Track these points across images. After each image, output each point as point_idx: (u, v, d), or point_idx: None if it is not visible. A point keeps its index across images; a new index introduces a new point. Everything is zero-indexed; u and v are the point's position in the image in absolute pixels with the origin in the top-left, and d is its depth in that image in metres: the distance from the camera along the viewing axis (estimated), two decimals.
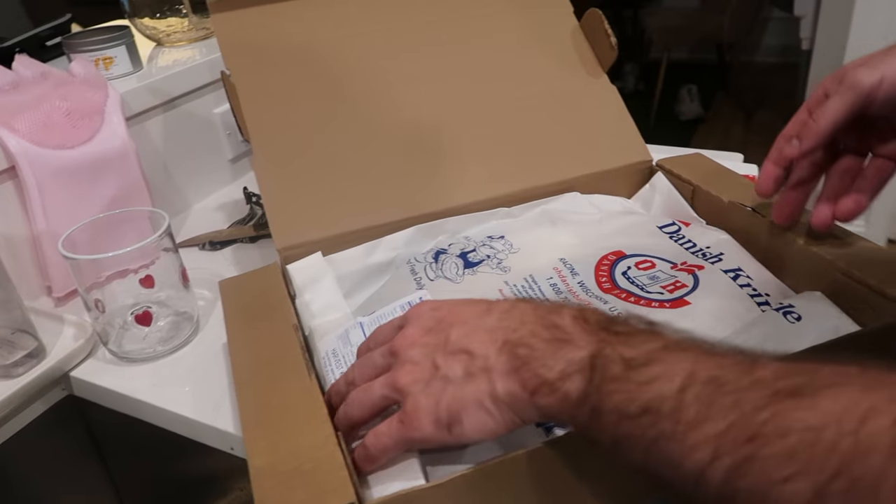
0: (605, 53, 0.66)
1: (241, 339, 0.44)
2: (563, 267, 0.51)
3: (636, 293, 0.47)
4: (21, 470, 0.56)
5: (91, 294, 0.53)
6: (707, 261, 0.50)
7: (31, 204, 0.60)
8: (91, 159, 0.63)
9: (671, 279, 0.48)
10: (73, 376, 0.55)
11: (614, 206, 0.61)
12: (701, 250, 0.52)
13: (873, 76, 0.40)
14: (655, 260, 0.51)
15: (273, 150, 0.56)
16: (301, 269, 0.52)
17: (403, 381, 0.34)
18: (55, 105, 0.62)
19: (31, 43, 0.80)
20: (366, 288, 0.53)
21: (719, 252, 0.51)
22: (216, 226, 0.75)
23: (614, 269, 0.50)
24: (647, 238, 0.54)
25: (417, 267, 0.52)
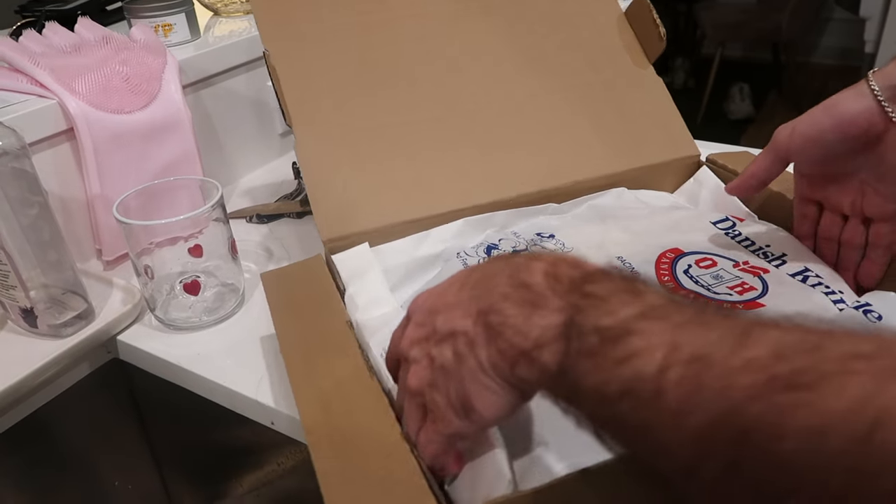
0: (653, 44, 0.64)
1: (293, 336, 0.43)
2: (621, 266, 0.49)
3: (703, 293, 0.45)
4: (64, 429, 0.56)
5: (141, 260, 0.53)
6: (770, 262, 0.49)
7: (87, 166, 0.60)
8: (147, 125, 0.63)
9: (737, 280, 0.46)
10: (120, 340, 0.55)
11: (661, 201, 0.60)
12: (762, 249, 0.50)
13: (786, 129, 0.45)
14: (716, 258, 0.49)
15: (316, 137, 0.55)
16: (347, 259, 0.51)
17: (414, 384, 0.33)
18: (115, 69, 0.62)
19: (92, 6, 0.80)
20: (414, 281, 0.52)
21: (781, 252, 0.49)
22: (263, 199, 0.75)
23: (675, 267, 0.48)
24: (701, 234, 0.52)
25: (469, 261, 0.51)
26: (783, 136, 0.45)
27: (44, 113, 0.58)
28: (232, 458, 0.60)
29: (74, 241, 0.63)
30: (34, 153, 0.58)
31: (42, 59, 0.61)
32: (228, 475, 0.62)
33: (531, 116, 0.60)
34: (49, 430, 0.55)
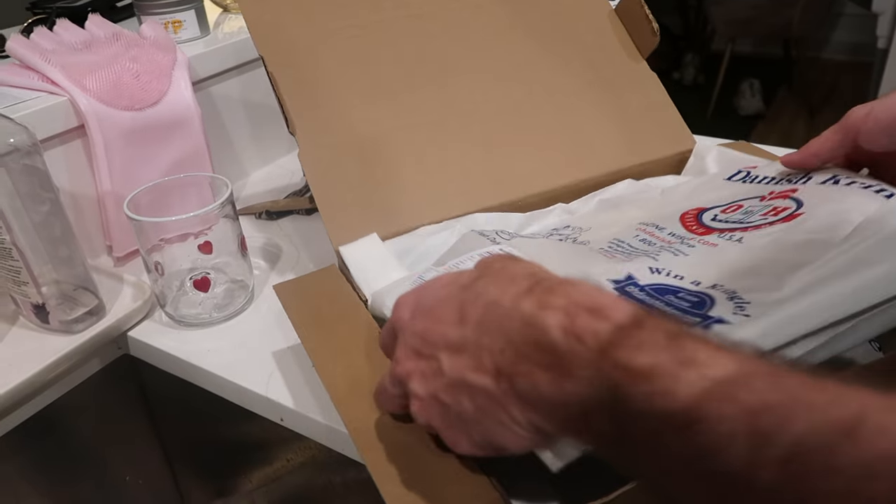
0: (646, 39, 0.64)
1: (325, 351, 0.42)
2: (646, 225, 0.48)
3: (737, 227, 0.43)
4: (75, 425, 0.57)
5: (152, 256, 0.53)
6: (796, 183, 0.45)
7: (98, 163, 0.60)
8: (157, 121, 0.63)
9: (767, 208, 0.44)
10: (130, 336, 0.56)
11: (670, 181, 0.59)
12: (785, 179, 0.47)
13: (862, 110, 0.42)
14: (741, 202, 0.47)
15: (320, 145, 0.54)
16: (355, 249, 0.50)
17: (425, 418, 0.32)
18: (125, 66, 0.62)
19: (103, 3, 0.81)
20: (429, 260, 0.51)
21: (805, 175, 0.46)
22: (273, 196, 0.75)
23: (701, 218, 0.46)
24: (719, 191, 0.50)
25: (489, 235, 0.50)
26: (858, 116, 0.42)
27: (55, 110, 0.59)
28: (241, 453, 0.61)
29: (85, 237, 0.63)
30: (45, 150, 0.58)
31: (53, 57, 0.61)
32: (238, 471, 0.63)
33: (531, 116, 0.60)
34: (60, 425, 0.56)
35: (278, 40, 0.57)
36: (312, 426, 0.47)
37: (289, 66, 0.56)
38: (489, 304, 0.29)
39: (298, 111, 0.54)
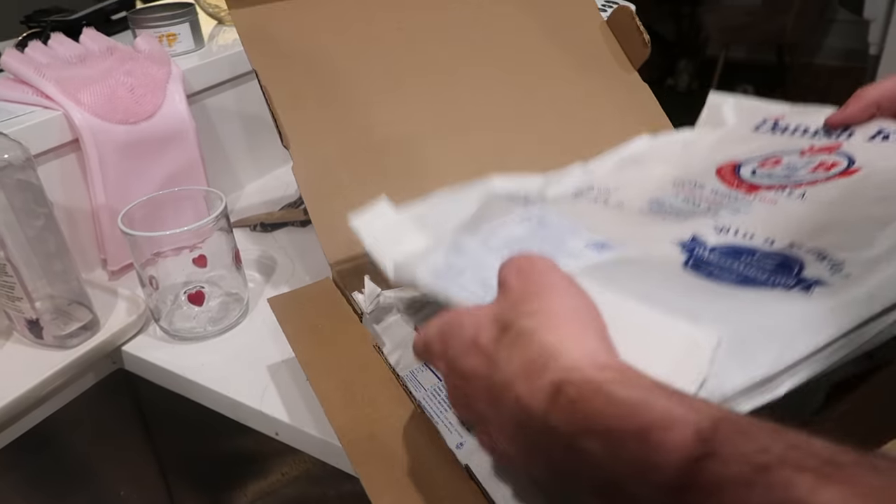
0: (637, 51, 0.64)
1: (319, 364, 0.42)
2: (683, 183, 0.45)
3: (786, 183, 0.40)
4: (70, 439, 0.57)
5: (146, 270, 0.53)
6: (838, 138, 0.43)
7: (92, 177, 0.60)
8: (152, 135, 0.63)
9: (813, 162, 0.41)
10: (125, 351, 0.56)
11: (688, 135, 0.53)
12: (822, 132, 0.44)
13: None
14: (778, 155, 0.44)
15: (314, 158, 0.54)
16: (367, 221, 0.44)
17: (489, 447, 0.32)
18: (120, 80, 0.62)
19: (98, 17, 0.81)
20: (449, 223, 0.45)
21: (845, 129, 0.43)
22: (268, 207, 0.75)
23: (740, 173, 0.43)
24: (748, 143, 0.46)
25: (517, 198, 0.46)
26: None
27: (49, 124, 0.59)
28: (236, 467, 0.60)
29: (79, 251, 0.63)
30: (39, 164, 0.58)
31: (47, 71, 0.62)
32: (233, 484, 0.63)
33: (524, 128, 0.60)
34: (55, 440, 0.56)
35: (272, 53, 0.57)
36: (307, 440, 0.47)
37: (282, 80, 0.56)
38: (518, 412, 0.25)
39: (292, 124, 0.54)
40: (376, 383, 0.41)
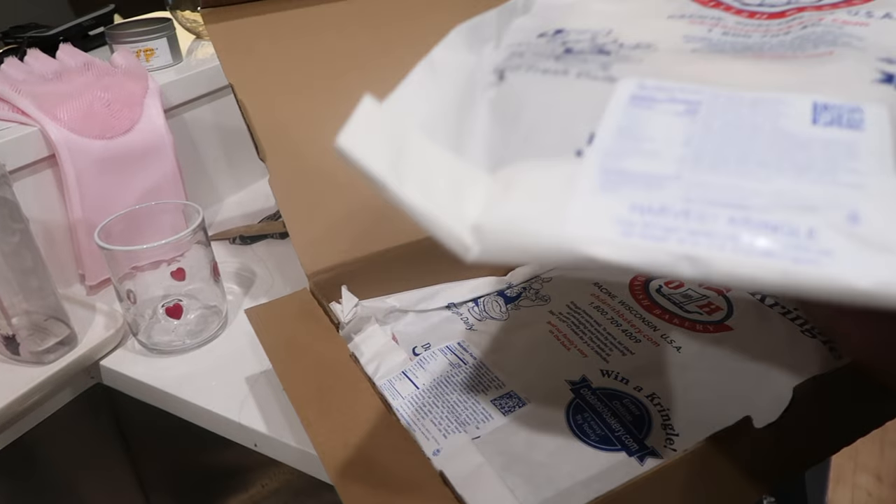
0: None
1: (296, 375, 0.42)
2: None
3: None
4: (48, 456, 0.56)
5: (124, 284, 0.53)
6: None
7: (69, 192, 0.60)
8: (129, 150, 0.63)
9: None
10: (103, 365, 0.56)
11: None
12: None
13: None
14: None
15: (290, 170, 0.54)
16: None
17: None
18: (97, 95, 0.63)
19: (75, 32, 0.81)
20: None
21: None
22: (247, 220, 0.76)
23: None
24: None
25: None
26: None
27: (25, 140, 0.59)
28: (217, 480, 0.60)
29: (57, 266, 0.63)
30: (15, 180, 0.58)
31: (24, 87, 0.62)
32: (213, 497, 0.62)
33: None
34: (33, 456, 0.55)
35: (248, 67, 0.57)
36: (286, 451, 0.47)
37: (258, 93, 0.56)
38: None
39: (268, 137, 0.55)
40: (353, 393, 0.41)
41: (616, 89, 0.27)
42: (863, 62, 0.29)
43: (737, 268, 0.21)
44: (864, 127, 0.24)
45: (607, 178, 0.23)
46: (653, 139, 0.25)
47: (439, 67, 0.30)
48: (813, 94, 0.26)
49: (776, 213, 0.21)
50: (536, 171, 0.25)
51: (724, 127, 0.25)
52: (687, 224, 0.22)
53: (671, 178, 0.23)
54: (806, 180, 0.22)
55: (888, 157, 0.23)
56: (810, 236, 0.21)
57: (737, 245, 0.21)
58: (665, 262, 0.21)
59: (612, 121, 0.26)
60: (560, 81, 0.29)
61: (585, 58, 0.31)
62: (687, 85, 0.27)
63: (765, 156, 0.23)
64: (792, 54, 0.31)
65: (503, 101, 0.30)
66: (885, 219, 0.21)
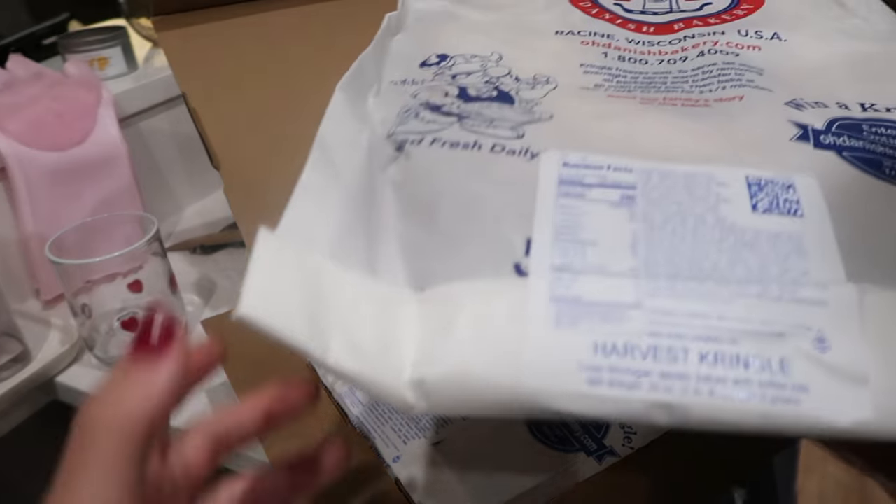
0: None
1: (251, 386, 0.42)
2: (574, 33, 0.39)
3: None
4: (5, 474, 0.55)
5: (78, 298, 0.52)
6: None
7: (21, 206, 0.59)
8: (82, 161, 0.62)
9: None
10: (59, 382, 0.54)
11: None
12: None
13: None
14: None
15: (246, 178, 0.53)
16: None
17: None
18: (48, 106, 0.61)
19: (28, 42, 0.80)
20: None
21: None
22: (209, 229, 0.75)
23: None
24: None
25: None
26: None
27: None
28: None
29: (12, 281, 0.61)
30: None
31: None
32: None
33: None
34: None
35: (200, 75, 0.57)
36: (244, 461, 0.47)
37: (212, 101, 0.56)
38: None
39: (223, 146, 0.54)
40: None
41: (540, 170, 0.25)
42: (774, 112, 0.29)
43: (715, 413, 0.20)
44: (803, 211, 0.24)
45: (560, 309, 0.22)
46: (596, 244, 0.23)
47: (331, 153, 0.28)
48: (743, 168, 0.25)
49: (746, 343, 0.21)
50: (475, 299, 0.23)
51: (668, 222, 0.24)
52: (657, 365, 0.21)
53: (631, 306, 0.21)
54: (767, 297, 0.21)
55: (835, 254, 0.23)
56: (783, 370, 0.20)
57: (713, 389, 0.20)
58: (639, 411, 0.20)
59: (546, 220, 0.24)
60: (474, 161, 0.26)
61: (489, 112, 0.29)
62: (614, 160, 0.26)
63: (718, 264, 0.22)
64: (703, 99, 0.31)
65: (411, 188, 0.27)
66: (850, 340, 0.21)
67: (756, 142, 0.27)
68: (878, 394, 0.20)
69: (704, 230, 0.23)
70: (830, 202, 0.24)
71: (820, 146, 0.27)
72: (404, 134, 0.28)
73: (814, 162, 0.26)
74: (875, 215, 0.24)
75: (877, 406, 0.20)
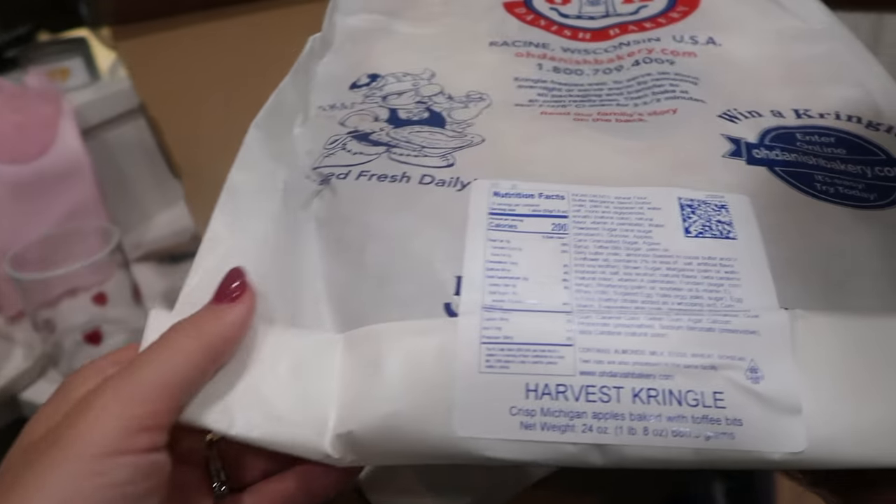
0: None
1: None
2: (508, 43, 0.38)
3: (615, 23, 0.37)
4: None
5: (40, 314, 0.52)
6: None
7: None
8: (44, 174, 0.61)
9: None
10: (23, 399, 0.54)
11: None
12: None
13: None
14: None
15: (207, 185, 0.53)
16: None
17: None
18: (7, 118, 0.60)
19: None
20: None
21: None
22: (178, 238, 0.74)
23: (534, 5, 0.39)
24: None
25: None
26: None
27: None
28: None
29: None
30: None
31: None
32: None
33: None
34: None
35: (160, 83, 0.56)
36: None
37: (172, 109, 0.55)
38: None
39: (184, 154, 0.54)
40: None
41: (470, 202, 0.25)
42: (708, 125, 0.28)
43: (650, 452, 0.20)
44: (735, 234, 0.24)
45: (491, 351, 0.21)
46: (528, 279, 0.23)
47: (241, 201, 0.26)
48: (676, 189, 0.25)
49: (679, 378, 0.20)
50: (405, 341, 0.22)
51: (600, 252, 0.23)
52: (590, 406, 0.20)
53: (563, 344, 0.21)
54: (700, 328, 0.21)
55: (767, 279, 0.23)
56: (717, 404, 0.20)
57: (647, 427, 0.20)
58: (573, 454, 0.20)
59: (476, 256, 0.23)
60: (403, 194, 0.25)
61: (419, 139, 0.28)
62: (545, 187, 0.25)
63: (651, 295, 0.22)
64: (637, 113, 0.30)
65: (337, 225, 0.26)
66: (783, 369, 0.20)
67: (689, 159, 0.27)
68: (812, 423, 0.20)
69: (637, 259, 0.23)
70: (762, 223, 0.24)
71: (752, 161, 0.27)
72: (330, 168, 0.27)
73: (746, 179, 0.26)
74: (806, 235, 0.24)
75: (811, 437, 0.20)
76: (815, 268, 0.23)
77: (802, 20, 0.35)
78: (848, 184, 0.26)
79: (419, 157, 0.27)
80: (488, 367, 0.21)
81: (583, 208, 0.25)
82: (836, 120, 0.28)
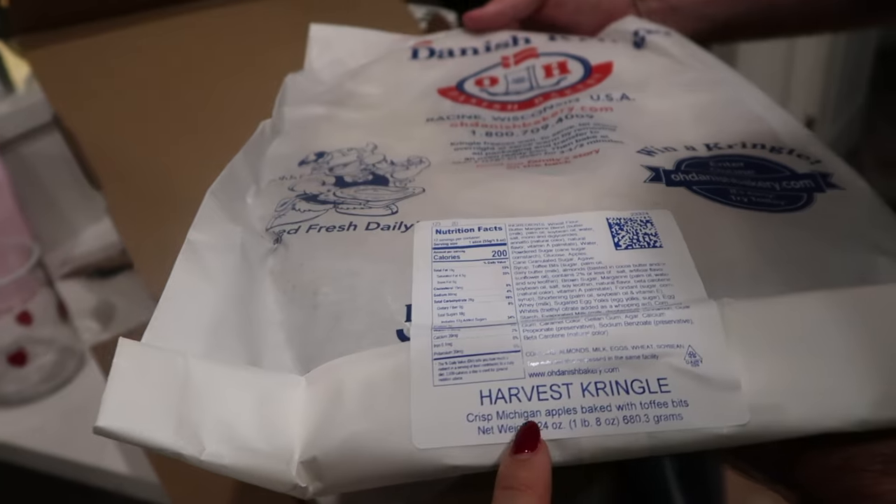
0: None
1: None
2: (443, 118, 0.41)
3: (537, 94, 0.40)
4: None
5: None
6: (521, 45, 0.43)
7: None
8: None
9: (539, 71, 0.41)
10: None
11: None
12: (495, 45, 0.44)
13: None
14: (483, 73, 0.42)
15: (129, 196, 0.51)
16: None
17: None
18: None
19: None
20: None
21: (511, 39, 0.44)
22: (108, 251, 0.72)
23: (465, 89, 0.42)
24: (446, 65, 0.43)
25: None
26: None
27: None
28: None
29: None
30: None
31: None
32: None
33: None
34: None
35: (74, 93, 0.54)
36: (150, 489, 0.45)
37: (88, 119, 0.53)
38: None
39: (103, 164, 0.52)
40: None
41: (414, 240, 0.26)
42: (628, 160, 0.31)
43: (606, 441, 0.21)
44: (661, 242, 0.26)
45: (444, 366, 0.22)
46: (474, 299, 0.24)
47: (202, 257, 0.26)
48: (604, 212, 0.27)
49: (623, 369, 0.21)
50: (362, 369, 0.22)
51: (539, 270, 0.25)
52: (543, 404, 0.21)
53: (511, 351, 0.22)
54: (637, 321, 0.23)
55: (694, 276, 0.25)
56: (662, 388, 0.21)
57: (598, 418, 0.21)
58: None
59: (423, 285, 0.25)
60: (350, 240, 0.27)
61: (364, 195, 0.30)
62: (483, 222, 0.27)
63: (590, 301, 0.24)
64: (563, 157, 0.33)
65: (291, 275, 0.27)
66: (718, 351, 0.22)
67: (614, 187, 0.29)
68: (752, 396, 0.21)
69: (573, 273, 0.25)
70: (686, 231, 0.26)
71: (671, 184, 0.29)
72: (281, 226, 0.29)
73: (667, 198, 0.28)
74: (727, 235, 0.26)
75: (753, 408, 0.21)
76: (736, 262, 0.25)
77: (701, 72, 0.38)
78: (760, 196, 0.28)
79: (364, 209, 0.29)
80: (442, 379, 0.22)
81: (520, 235, 0.27)
82: (742, 148, 0.31)
